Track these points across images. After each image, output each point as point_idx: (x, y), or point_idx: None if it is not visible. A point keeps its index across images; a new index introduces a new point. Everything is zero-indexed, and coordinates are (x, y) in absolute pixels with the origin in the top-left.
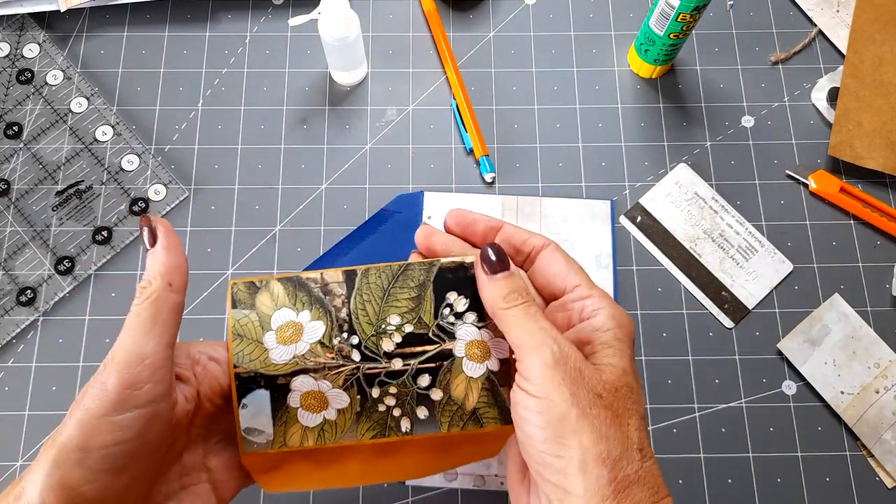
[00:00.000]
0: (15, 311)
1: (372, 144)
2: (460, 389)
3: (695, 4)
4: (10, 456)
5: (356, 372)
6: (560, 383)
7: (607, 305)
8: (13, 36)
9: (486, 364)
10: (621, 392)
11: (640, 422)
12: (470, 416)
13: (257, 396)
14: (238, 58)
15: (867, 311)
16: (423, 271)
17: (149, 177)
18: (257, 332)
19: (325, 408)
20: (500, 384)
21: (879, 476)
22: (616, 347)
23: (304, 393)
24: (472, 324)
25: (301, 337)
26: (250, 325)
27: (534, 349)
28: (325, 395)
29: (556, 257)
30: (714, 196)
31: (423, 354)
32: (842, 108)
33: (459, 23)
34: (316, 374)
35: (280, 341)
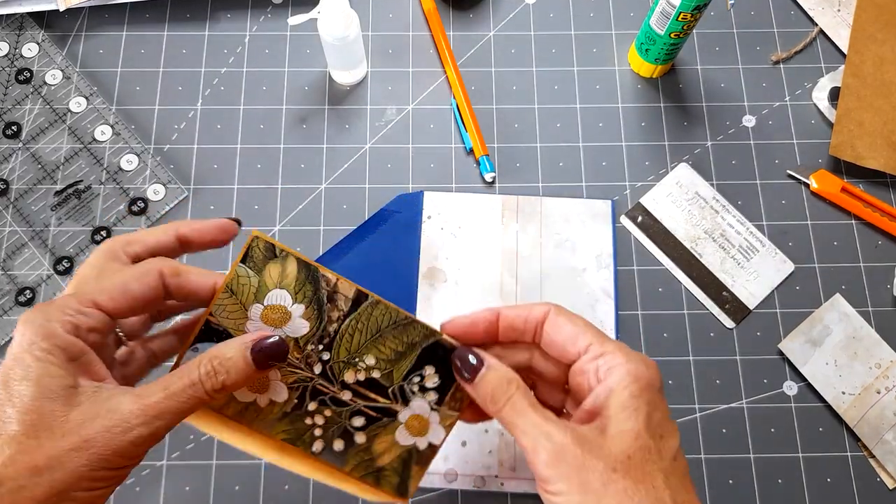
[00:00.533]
0: (14, 311)
1: (372, 144)
2: (382, 446)
3: (695, 4)
4: None
5: (309, 381)
6: (567, 476)
7: (621, 361)
8: (12, 35)
9: (416, 440)
10: (636, 457)
11: (667, 479)
12: (375, 470)
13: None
14: (237, 57)
15: (868, 312)
16: (421, 335)
17: (148, 176)
18: (248, 298)
19: (263, 392)
20: (415, 462)
21: (880, 477)
22: (631, 408)
23: None
24: (428, 402)
25: (283, 326)
26: (247, 288)
27: (531, 449)
28: (269, 383)
29: (561, 322)
30: (715, 196)
31: (373, 402)
32: (843, 107)
33: (459, 22)
34: None
35: (263, 319)
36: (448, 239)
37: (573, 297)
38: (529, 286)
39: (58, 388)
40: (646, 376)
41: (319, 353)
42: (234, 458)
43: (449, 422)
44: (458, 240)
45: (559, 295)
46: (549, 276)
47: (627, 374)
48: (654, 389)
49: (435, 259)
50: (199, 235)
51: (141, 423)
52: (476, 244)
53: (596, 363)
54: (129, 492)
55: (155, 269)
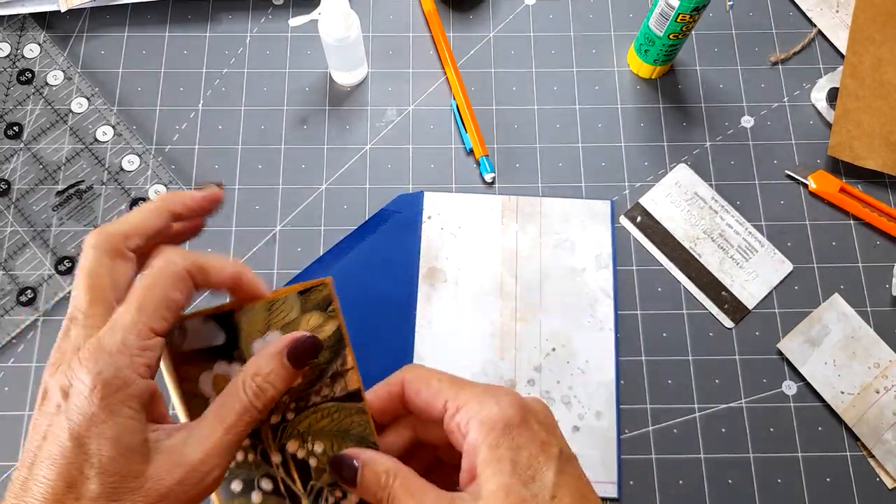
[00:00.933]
0: (15, 311)
1: (372, 145)
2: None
3: (694, 5)
4: (10, 456)
5: (260, 423)
6: None
7: (475, 412)
8: (14, 36)
9: None
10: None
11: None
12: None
13: (213, 332)
14: (238, 58)
15: (867, 311)
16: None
17: (149, 177)
18: (276, 324)
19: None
20: None
21: (880, 476)
22: (493, 461)
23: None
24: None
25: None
26: (282, 315)
27: None
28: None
29: (416, 387)
30: (714, 196)
31: (290, 480)
32: (841, 108)
33: (459, 23)
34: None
35: None
36: (448, 239)
37: (572, 298)
38: (529, 286)
39: (135, 444)
40: (500, 418)
41: (287, 409)
42: None
43: None
44: (458, 240)
45: (558, 295)
46: (549, 276)
47: (481, 424)
48: (514, 427)
49: (435, 259)
50: (191, 211)
51: (210, 468)
52: (476, 244)
53: (456, 419)
54: None
55: (185, 272)
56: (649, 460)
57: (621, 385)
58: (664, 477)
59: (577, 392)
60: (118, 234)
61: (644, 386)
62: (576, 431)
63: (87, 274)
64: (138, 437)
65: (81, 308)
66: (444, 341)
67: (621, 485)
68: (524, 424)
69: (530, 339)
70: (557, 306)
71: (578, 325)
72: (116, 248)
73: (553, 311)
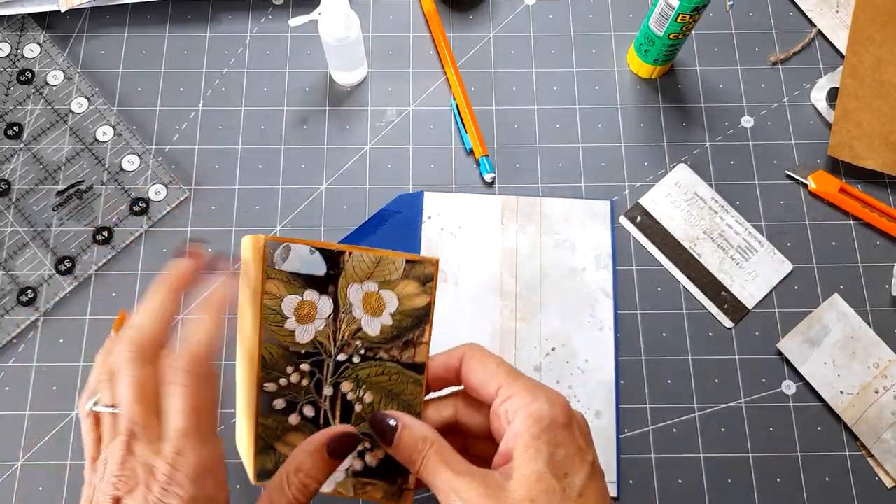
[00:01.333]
0: (15, 311)
1: (372, 145)
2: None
3: (694, 5)
4: (10, 456)
5: (325, 357)
6: None
7: (526, 402)
8: (14, 36)
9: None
10: (540, 500)
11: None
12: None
13: (317, 263)
14: (238, 58)
15: (867, 311)
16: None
17: (149, 177)
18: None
19: (301, 322)
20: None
21: (879, 476)
22: (533, 449)
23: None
24: (348, 469)
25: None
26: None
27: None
28: (312, 322)
29: (474, 365)
30: (714, 196)
31: (332, 415)
32: (841, 108)
33: (459, 23)
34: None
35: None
36: (448, 239)
37: (572, 297)
38: (529, 286)
39: None
40: (548, 415)
41: (356, 352)
42: (233, 458)
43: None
44: (458, 240)
45: (558, 295)
46: (549, 276)
47: (529, 415)
48: (558, 426)
49: None
50: (189, 283)
51: None
52: (476, 244)
53: (505, 406)
54: None
55: (215, 376)
56: (649, 460)
57: (621, 385)
58: (664, 476)
59: (577, 391)
60: (149, 342)
61: (644, 385)
62: None
63: (135, 388)
64: None
65: (139, 422)
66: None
67: (621, 484)
68: (568, 428)
69: (530, 339)
70: (557, 306)
71: (578, 324)
72: (151, 356)
73: (553, 311)
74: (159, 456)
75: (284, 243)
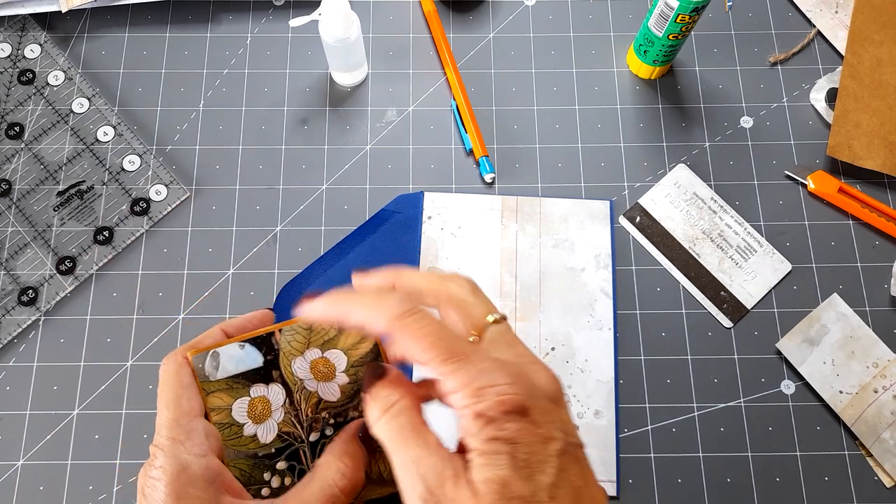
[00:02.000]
0: (16, 311)
1: (372, 145)
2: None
3: (694, 5)
4: (11, 455)
5: (297, 444)
6: None
7: (470, 402)
8: (14, 37)
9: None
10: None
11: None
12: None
13: (251, 355)
14: (239, 59)
15: (866, 311)
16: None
17: (150, 177)
18: (315, 342)
19: (256, 422)
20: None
21: (878, 475)
22: (489, 455)
23: (252, 401)
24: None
25: (322, 381)
26: (322, 334)
27: (406, 492)
28: (268, 419)
29: (405, 346)
30: (713, 196)
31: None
32: (840, 108)
33: (459, 24)
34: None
35: (312, 364)
36: (448, 239)
37: (572, 297)
38: (529, 286)
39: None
40: (498, 413)
41: (326, 425)
42: None
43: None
44: (457, 240)
45: (558, 294)
46: (548, 276)
47: (477, 417)
48: (512, 422)
49: (435, 259)
50: (241, 330)
51: None
52: (476, 244)
53: (450, 400)
54: (132, 488)
55: (182, 359)
56: (648, 459)
57: (620, 384)
58: (663, 476)
59: (577, 391)
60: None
61: (643, 385)
62: None
63: (163, 393)
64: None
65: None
66: None
67: (620, 483)
68: (525, 418)
69: (530, 339)
70: (557, 306)
71: (578, 324)
72: (183, 371)
73: (552, 311)
74: None
75: (211, 351)
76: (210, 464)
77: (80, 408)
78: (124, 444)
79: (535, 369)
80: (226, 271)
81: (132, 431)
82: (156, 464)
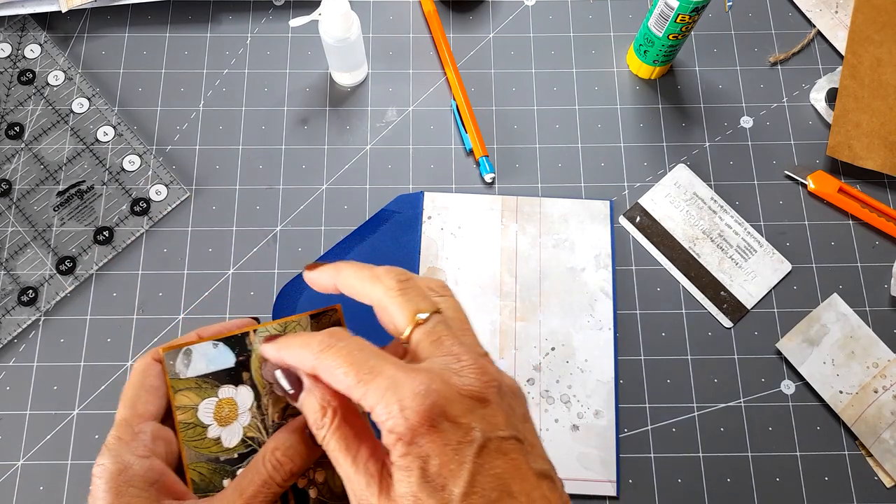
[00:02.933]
0: (16, 311)
1: (372, 145)
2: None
3: (694, 5)
4: (11, 455)
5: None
6: None
7: (381, 419)
8: (14, 37)
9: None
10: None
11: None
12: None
13: (223, 355)
14: (239, 59)
15: (866, 311)
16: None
17: (150, 177)
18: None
19: (222, 425)
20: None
21: (878, 475)
22: (402, 469)
23: (219, 403)
24: None
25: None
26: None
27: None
28: (234, 422)
29: (325, 372)
30: (713, 196)
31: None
32: (840, 108)
33: (459, 24)
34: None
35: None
36: (448, 239)
37: (572, 297)
38: (528, 286)
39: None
40: (405, 429)
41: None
42: None
43: None
44: (457, 240)
45: (558, 294)
46: (548, 276)
47: (389, 432)
48: (422, 436)
49: (435, 259)
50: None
51: None
52: (476, 244)
53: (370, 416)
54: None
55: (150, 360)
56: (648, 459)
57: (620, 384)
58: (663, 476)
59: (577, 391)
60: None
61: (643, 385)
62: (575, 430)
63: (126, 390)
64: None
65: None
66: None
67: (620, 483)
68: (433, 430)
69: (530, 339)
70: (557, 306)
71: (578, 324)
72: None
73: (552, 311)
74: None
75: (185, 348)
76: (153, 465)
77: (80, 408)
78: None
79: (457, 369)
80: (226, 271)
81: None
82: (99, 461)
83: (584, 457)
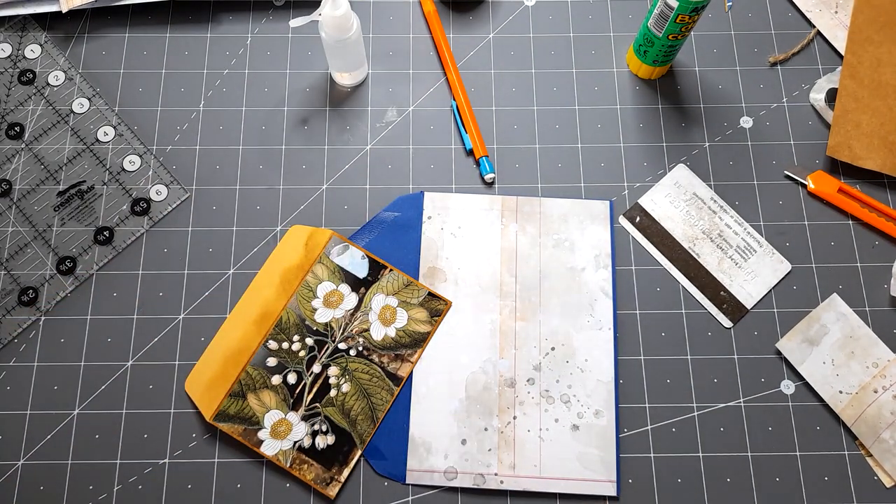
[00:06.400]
0: (17, 311)
1: (372, 145)
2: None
3: (693, 5)
4: (11, 455)
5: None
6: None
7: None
8: (15, 37)
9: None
10: None
11: None
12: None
13: (360, 264)
14: (239, 59)
15: (865, 311)
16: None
17: (150, 177)
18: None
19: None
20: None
21: (878, 475)
22: None
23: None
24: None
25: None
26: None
27: None
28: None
29: None
30: (713, 196)
31: (311, 390)
32: (840, 108)
33: (459, 24)
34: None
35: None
36: (448, 239)
37: (572, 297)
38: (528, 286)
39: None
40: None
41: (352, 347)
42: (236, 457)
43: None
44: (457, 240)
45: (558, 294)
46: (548, 276)
47: None
48: None
49: (435, 259)
50: None
51: None
52: (476, 244)
53: None
54: (132, 488)
55: None
56: (648, 459)
57: (620, 384)
58: (663, 476)
59: (577, 391)
60: None
61: (643, 385)
62: (575, 430)
63: None
64: None
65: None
66: (445, 341)
67: (620, 483)
68: None
69: (530, 339)
70: (557, 306)
71: (578, 324)
72: None
73: (552, 311)
74: None
75: (345, 243)
76: None
77: (80, 408)
78: (124, 444)
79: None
80: (226, 271)
81: (132, 431)
82: None
83: (584, 457)
